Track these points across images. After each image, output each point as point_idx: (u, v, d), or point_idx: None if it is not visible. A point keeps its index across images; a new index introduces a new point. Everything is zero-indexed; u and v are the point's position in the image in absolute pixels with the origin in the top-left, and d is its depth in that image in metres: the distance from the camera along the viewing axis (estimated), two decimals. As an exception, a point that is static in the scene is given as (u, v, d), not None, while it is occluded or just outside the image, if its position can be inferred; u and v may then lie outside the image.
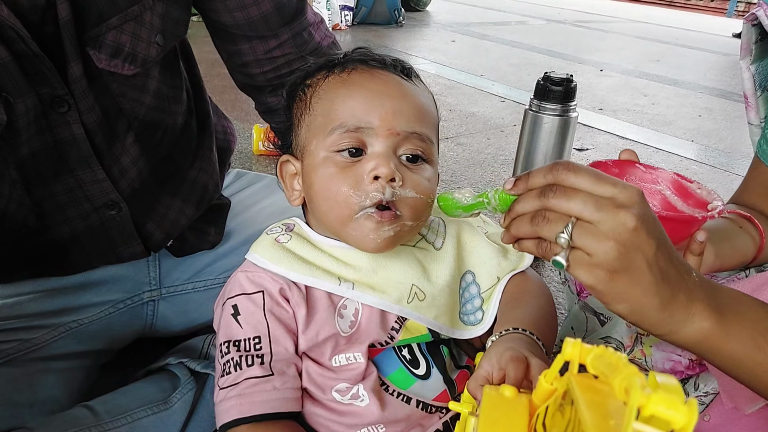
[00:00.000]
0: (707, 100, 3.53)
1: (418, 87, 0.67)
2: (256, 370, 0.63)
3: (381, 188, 0.60)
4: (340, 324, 0.65)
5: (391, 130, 0.61)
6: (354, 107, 0.62)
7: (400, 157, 0.63)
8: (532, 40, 5.21)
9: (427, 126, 0.65)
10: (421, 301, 0.67)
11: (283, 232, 0.69)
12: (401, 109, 0.62)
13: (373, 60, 0.65)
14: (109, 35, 0.73)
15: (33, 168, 0.75)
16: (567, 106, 1.45)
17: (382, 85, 0.63)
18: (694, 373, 0.78)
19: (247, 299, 0.65)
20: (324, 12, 4.47)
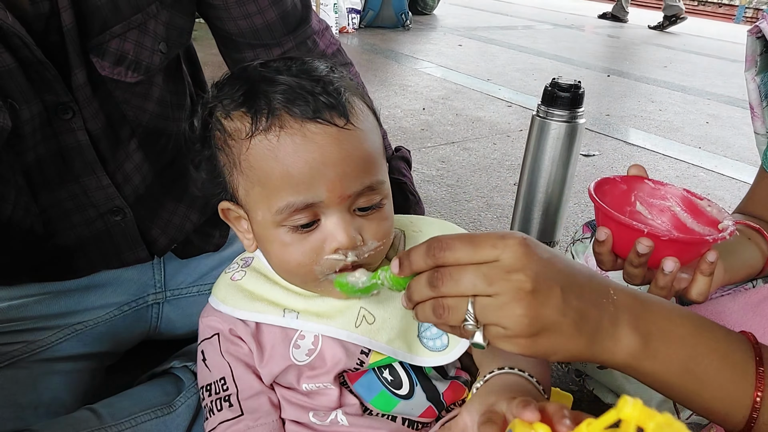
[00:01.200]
0: (715, 107, 3.51)
1: (357, 128, 0.58)
2: (227, 413, 0.65)
3: (343, 255, 0.58)
4: (295, 355, 0.64)
5: (341, 196, 0.56)
6: (296, 185, 0.55)
7: (354, 211, 0.59)
8: (539, 45, 5.21)
9: (376, 169, 0.59)
10: (370, 325, 0.63)
11: (239, 268, 0.70)
12: (346, 171, 0.56)
13: (300, 106, 0.55)
14: (113, 43, 0.73)
15: (38, 174, 0.75)
16: (574, 113, 1.44)
17: (318, 151, 0.55)
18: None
19: (208, 344, 0.67)
20: (331, 15, 4.49)
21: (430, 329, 0.66)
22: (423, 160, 2.26)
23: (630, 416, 0.37)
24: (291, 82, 0.57)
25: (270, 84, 0.57)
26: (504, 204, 1.92)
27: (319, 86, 0.57)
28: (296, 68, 0.59)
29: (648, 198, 0.72)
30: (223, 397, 0.65)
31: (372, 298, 0.64)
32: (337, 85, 0.58)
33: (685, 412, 0.81)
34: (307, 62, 0.61)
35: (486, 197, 1.97)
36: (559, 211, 1.54)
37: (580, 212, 1.93)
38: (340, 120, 0.56)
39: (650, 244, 0.60)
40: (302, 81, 0.57)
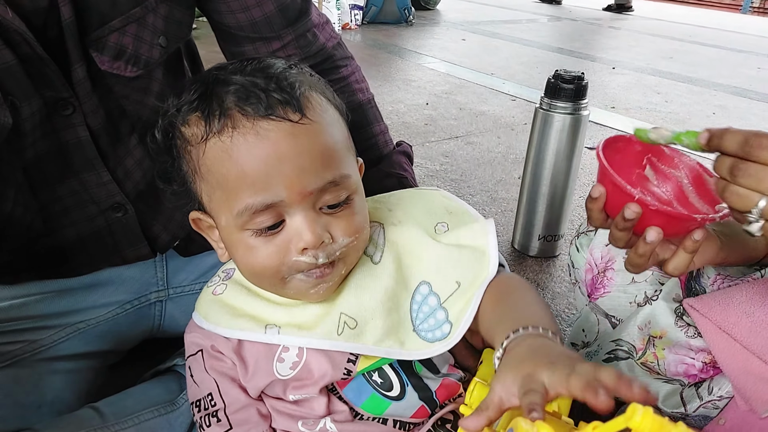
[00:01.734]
0: (721, 98, 3.48)
1: (314, 121, 0.56)
2: (216, 428, 0.64)
3: (313, 257, 0.57)
4: (279, 369, 0.63)
5: (302, 193, 0.55)
6: (253, 185, 0.54)
7: (321, 209, 0.57)
8: (543, 39, 5.18)
9: (338, 163, 0.57)
10: (352, 329, 0.61)
11: (220, 281, 0.69)
12: (304, 167, 0.54)
13: (252, 104, 0.54)
14: (112, 37, 0.73)
15: (38, 171, 0.75)
16: (578, 105, 1.43)
17: (272, 147, 0.53)
18: (707, 376, 0.77)
19: (193, 360, 0.67)
20: (334, 12, 4.47)
21: (428, 321, 0.64)
22: (426, 154, 2.25)
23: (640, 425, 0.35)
24: (243, 81, 0.55)
25: (223, 85, 0.56)
26: (509, 198, 1.91)
27: (273, 83, 0.55)
28: (251, 68, 0.58)
29: (659, 164, 0.69)
30: (211, 412, 0.65)
31: (350, 302, 0.63)
32: (292, 80, 0.56)
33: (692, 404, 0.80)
34: (263, 61, 0.59)
35: (490, 191, 1.96)
36: (563, 204, 1.53)
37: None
38: (295, 115, 0.55)
39: (638, 211, 0.59)
40: (256, 79, 0.56)
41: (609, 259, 0.88)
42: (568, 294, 1.41)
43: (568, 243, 1.59)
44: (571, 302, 1.37)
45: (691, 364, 0.77)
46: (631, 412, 0.35)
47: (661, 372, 0.79)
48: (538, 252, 1.57)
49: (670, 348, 0.77)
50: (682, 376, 0.78)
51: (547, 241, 1.56)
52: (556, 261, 1.56)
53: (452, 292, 0.64)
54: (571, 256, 0.96)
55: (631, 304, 0.85)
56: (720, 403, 0.75)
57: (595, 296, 0.91)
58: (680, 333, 0.77)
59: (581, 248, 0.93)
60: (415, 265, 0.66)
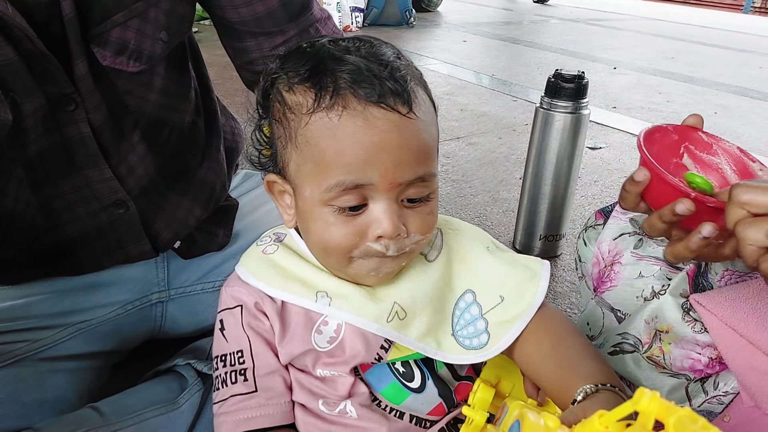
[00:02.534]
0: (723, 98, 3.47)
1: (418, 118, 0.57)
2: (240, 387, 0.63)
3: (384, 247, 0.57)
4: (317, 340, 0.63)
5: (393, 183, 0.56)
6: (349, 164, 0.55)
7: (402, 201, 0.58)
8: (544, 40, 5.18)
9: (430, 161, 0.59)
10: (401, 320, 0.62)
11: (271, 242, 0.69)
12: (401, 159, 0.55)
13: (365, 88, 0.55)
14: (114, 32, 0.73)
15: (41, 167, 0.75)
16: (579, 104, 1.43)
17: (378, 135, 0.54)
18: (713, 372, 0.76)
19: (229, 314, 0.66)
20: (334, 14, 4.48)
21: (467, 328, 0.65)
22: (428, 155, 2.25)
23: (648, 409, 0.35)
24: (359, 63, 0.56)
25: (337, 62, 0.56)
26: (510, 198, 1.90)
27: (386, 71, 0.56)
28: (365, 50, 0.58)
29: (697, 151, 0.68)
30: (238, 370, 0.64)
31: (404, 293, 0.63)
32: (404, 73, 0.57)
33: (697, 399, 0.79)
34: (375, 45, 0.60)
35: (492, 192, 1.96)
36: (565, 204, 1.52)
37: (587, 205, 1.91)
38: (404, 108, 0.55)
39: (692, 209, 0.58)
40: (370, 63, 0.56)
41: (617, 253, 0.88)
42: (570, 294, 1.40)
43: (570, 243, 1.59)
44: (573, 302, 1.37)
45: (697, 359, 0.76)
46: (639, 395, 0.35)
47: (666, 366, 0.79)
48: (540, 252, 1.56)
49: (676, 343, 0.77)
50: (687, 371, 0.77)
51: (548, 241, 1.55)
52: (557, 261, 1.56)
53: (494, 305, 0.65)
54: (578, 250, 0.96)
55: (637, 298, 0.85)
56: (725, 399, 0.75)
57: (602, 290, 0.90)
58: (687, 328, 0.77)
59: (589, 242, 0.93)
60: (464, 272, 0.67)
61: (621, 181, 2.12)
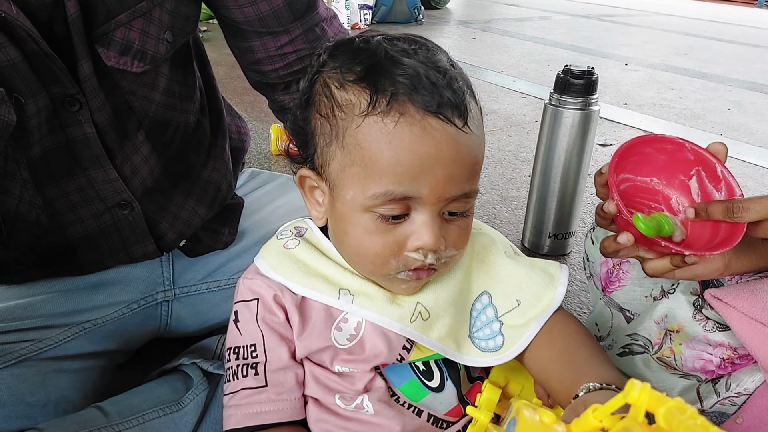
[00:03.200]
0: (737, 93, 3.42)
1: (473, 132, 0.55)
2: (251, 381, 0.62)
3: (423, 256, 0.56)
4: (337, 337, 0.62)
5: (441, 197, 0.55)
6: (402, 175, 0.53)
7: (443, 214, 0.57)
8: (555, 36, 5.13)
9: (477, 177, 0.58)
10: (424, 321, 0.62)
11: (292, 236, 0.67)
12: (453, 174, 0.54)
13: (425, 96, 0.52)
14: (118, 32, 0.72)
15: (45, 168, 0.75)
16: (588, 100, 1.41)
17: (434, 148, 0.53)
18: (725, 373, 0.75)
19: (245, 306, 0.65)
20: (343, 11, 4.47)
21: (483, 330, 0.65)
22: (436, 153, 2.23)
23: (638, 401, 0.35)
24: (418, 68, 0.53)
25: (395, 65, 0.54)
26: (519, 196, 1.89)
27: (445, 80, 0.54)
28: (423, 55, 0.56)
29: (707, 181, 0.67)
30: (250, 363, 0.63)
31: (428, 294, 0.63)
32: (460, 84, 0.55)
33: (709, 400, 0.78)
34: (432, 50, 0.57)
35: (501, 189, 1.94)
36: (574, 202, 1.51)
37: (596, 202, 1.88)
38: (460, 120, 0.54)
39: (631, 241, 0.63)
40: (429, 70, 0.54)
41: (625, 252, 0.87)
42: (580, 293, 1.38)
43: (579, 241, 1.57)
44: (583, 301, 1.35)
45: (709, 360, 0.75)
46: (629, 387, 0.35)
47: (677, 367, 0.77)
48: (549, 250, 1.55)
49: (687, 343, 0.76)
50: (699, 372, 0.76)
51: (557, 239, 1.54)
52: (566, 259, 1.54)
53: (510, 309, 0.65)
54: (586, 250, 0.95)
55: (646, 297, 0.84)
56: (738, 400, 0.73)
57: (610, 290, 0.89)
58: (698, 327, 0.75)
59: (597, 241, 0.92)
60: (482, 274, 0.67)
61: (632, 179, 2.11)
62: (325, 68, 0.58)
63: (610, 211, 0.64)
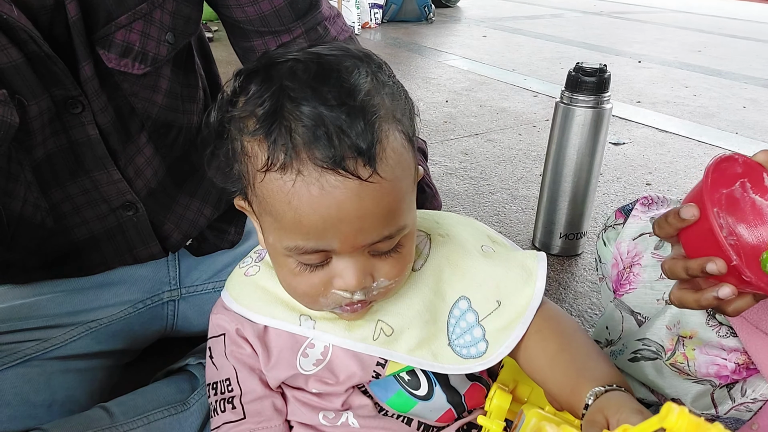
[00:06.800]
0: (752, 91, 3.37)
1: (383, 179, 0.50)
2: (229, 414, 0.64)
3: (350, 294, 0.55)
4: (302, 363, 0.62)
5: (355, 247, 0.52)
6: (307, 233, 0.51)
7: (370, 252, 0.54)
8: (566, 34, 5.09)
9: (399, 218, 0.53)
10: (388, 337, 0.61)
11: (253, 262, 0.67)
12: (362, 227, 0.51)
13: (323, 150, 0.48)
14: (118, 34, 0.72)
15: (49, 170, 0.74)
16: (600, 98, 1.39)
17: (335, 206, 0.49)
18: (740, 378, 0.73)
19: (216, 342, 0.66)
20: (353, 11, 4.47)
21: (464, 336, 0.63)
22: (446, 152, 2.22)
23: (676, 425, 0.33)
24: (320, 111, 0.48)
25: (296, 108, 0.48)
26: (529, 195, 1.87)
27: (350, 119, 0.48)
28: (333, 83, 0.50)
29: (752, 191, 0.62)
30: (227, 398, 0.64)
31: (389, 309, 0.62)
32: (372, 118, 0.49)
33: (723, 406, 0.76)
34: (349, 71, 0.51)
35: (511, 189, 1.93)
36: (586, 201, 1.49)
37: (609, 202, 1.86)
38: (366, 170, 0.49)
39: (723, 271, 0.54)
40: (333, 110, 0.48)
41: (636, 254, 0.85)
42: (591, 294, 1.36)
43: (591, 241, 1.55)
44: (594, 302, 1.33)
45: (723, 365, 0.73)
46: (666, 411, 0.33)
47: (691, 373, 0.76)
48: (560, 250, 1.53)
49: (700, 348, 0.74)
50: (713, 377, 0.74)
51: (569, 240, 1.52)
52: (578, 260, 1.52)
53: (491, 311, 0.63)
54: (598, 251, 0.93)
55: (658, 301, 0.82)
56: (753, 406, 0.71)
57: (621, 292, 0.87)
58: (711, 333, 0.74)
59: (608, 242, 0.90)
60: (456, 279, 0.64)
61: (645, 178, 2.08)
62: (231, 113, 0.53)
63: (718, 269, 0.55)
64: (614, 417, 0.47)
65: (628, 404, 0.48)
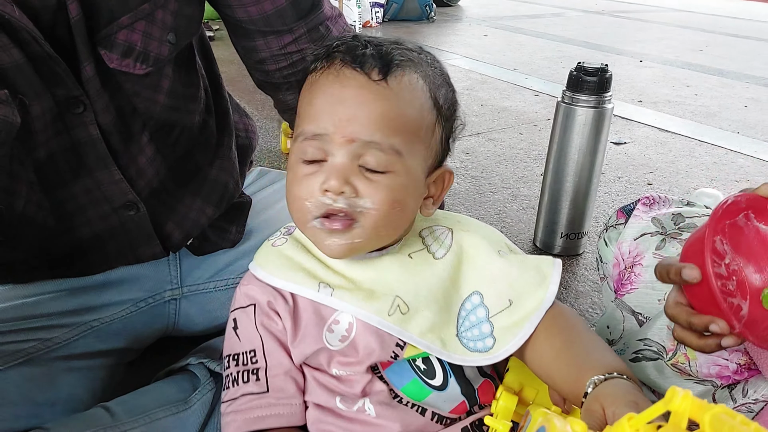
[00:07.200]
0: (754, 90, 3.36)
1: (391, 88, 0.59)
2: (252, 386, 0.64)
3: (332, 199, 0.58)
4: (329, 338, 0.63)
5: (346, 137, 0.57)
6: (313, 113, 0.60)
7: (361, 167, 0.59)
8: (568, 33, 5.08)
9: (392, 134, 0.58)
10: (403, 314, 0.62)
11: (281, 235, 0.70)
12: (357, 115, 0.57)
13: (350, 54, 0.59)
14: (120, 35, 0.72)
15: (51, 170, 0.75)
16: (602, 98, 1.39)
17: (342, 90, 0.58)
18: (742, 378, 0.73)
19: (243, 313, 0.67)
20: (354, 10, 4.46)
21: (472, 330, 0.64)
22: (447, 151, 2.22)
23: (681, 408, 0.34)
24: (364, 42, 0.61)
25: (352, 41, 0.62)
26: (530, 195, 1.87)
27: (379, 47, 0.60)
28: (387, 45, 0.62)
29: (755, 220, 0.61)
30: (251, 369, 0.65)
31: (407, 287, 0.63)
32: (399, 54, 0.60)
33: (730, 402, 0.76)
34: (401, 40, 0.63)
35: (512, 188, 1.93)
36: (587, 201, 1.49)
37: (610, 202, 1.86)
38: (377, 75, 0.58)
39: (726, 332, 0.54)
40: (373, 44, 0.61)
41: (637, 254, 0.85)
42: (592, 293, 1.37)
43: (592, 241, 1.55)
44: (595, 302, 1.33)
45: (725, 366, 0.73)
46: (670, 395, 0.34)
47: (692, 373, 0.76)
48: (561, 250, 1.53)
49: (700, 349, 0.74)
50: (714, 378, 0.74)
51: (570, 239, 1.52)
52: (579, 259, 1.52)
53: (502, 309, 0.64)
54: (599, 251, 0.93)
55: (659, 301, 0.82)
56: (755, 407, 0.72)
57: (622, 292, 0.87)
58: (712, 334, 0.74)
59: (610, 242, 0.90)
60: (472, 274, 0.66)
61: (646, 177, 2.08)
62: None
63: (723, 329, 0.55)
64: (609, 408, 0.48)
65: (624, 395, 0.49)
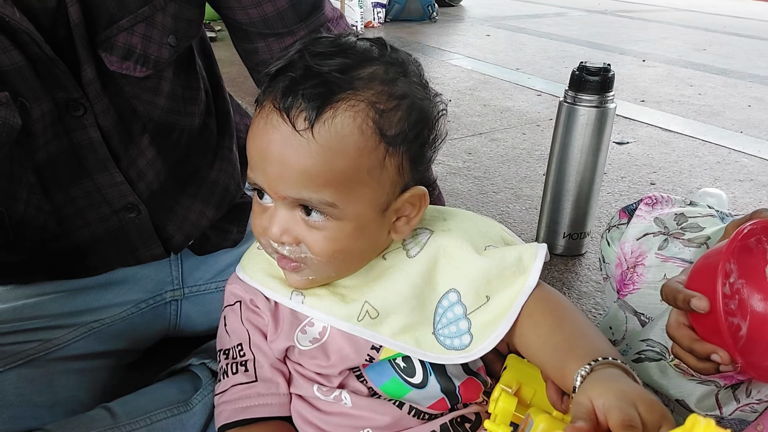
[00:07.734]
0: (758, 90, 3.35)
1: (315, 140, 0.53)
2: (241, 377, 0.66)
3: (277, 244, 0.59)
4: (300, 338, 0.64)
5: (277, 194, 0.56)
6: (251, 162, 0.58)
7: (302, 212, 0.58)
8: (570, 32, 5.07)
9: (320, 189, 0.55)
10: (373, 319, 0.62)
11: None
12: (282, 174, 0.55)
13: (283, 95, 0.54)
14: (120, 37, 0.72)
15: (51, 172, 0.75)
16: (604, 97, 1.38)
17: (266, 143, 0.55)
18: (745, 379, 0.73)
19: (230, 310, 0.69)
20: (356, 10, 4.46)
21: (449, 327, 0.64)
22: (449, 152, 2.21)
23: None
24: (300, 72, 0.54)
25: (290, 68, 0.56)
26: (533, 195, 1.86)
27: (319, 77, 0.54)
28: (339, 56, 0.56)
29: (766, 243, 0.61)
30: (240, 361, 0.67)
31: (377, 293, 0.63)
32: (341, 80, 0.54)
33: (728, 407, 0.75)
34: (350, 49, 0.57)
35: (514, 188, 1.92)
36: (590, 201, 1.48)
37: (613, 201, 1.86)
38: (303, 124, 0.53)
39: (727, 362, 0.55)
40: (312, 69, 0.54)
41: (639, 254, 0.85)
42: (595, 293, 1.36)
43: (595, 241, 1.54)
44: (598, 302, 1.33)
45: (727, 366, 0.73)
46: (691, 423, 0.33)
47: (695, 374, 0.75)
48: (563, 250, 1.52)
49: (704, 349, 0.73)
50: (717, 378, 0.74)
51: (572, 239, 1.51)
52: (582, 259, 1.51)
53: (479, 306, 0.64)
54: (602, 251, 0.93)
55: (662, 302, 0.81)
56: (759, 407, 0.71)
57: (624, 293, 0.87)
58: (715, 334, 0.73)
59: (612, 242, 0.90)
60: (449, 271, 0.65)
61: (649, 177, 2.07)
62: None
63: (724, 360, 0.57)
64: (598, 400, 0.47)
65: (611, 386, 0.48)
